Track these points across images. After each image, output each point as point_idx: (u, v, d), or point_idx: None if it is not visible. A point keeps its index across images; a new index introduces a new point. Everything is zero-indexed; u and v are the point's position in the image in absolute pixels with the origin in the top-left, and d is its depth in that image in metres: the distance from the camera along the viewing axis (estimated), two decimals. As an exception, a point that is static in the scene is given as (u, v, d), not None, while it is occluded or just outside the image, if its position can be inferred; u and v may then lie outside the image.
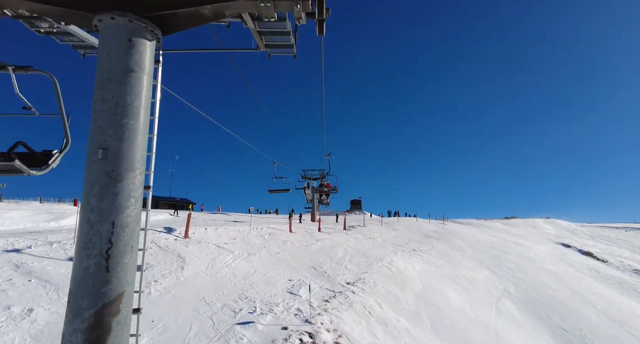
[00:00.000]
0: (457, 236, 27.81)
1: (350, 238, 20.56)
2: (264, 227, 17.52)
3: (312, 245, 16.06)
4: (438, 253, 21.03)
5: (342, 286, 11.21)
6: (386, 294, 11.79)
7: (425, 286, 13.98)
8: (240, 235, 14.87)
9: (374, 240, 21.38)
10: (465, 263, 20.57)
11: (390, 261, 15.84)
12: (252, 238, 14.97)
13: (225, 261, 11.21)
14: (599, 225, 74.73)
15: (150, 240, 11.17)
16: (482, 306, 14.66)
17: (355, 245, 18.35)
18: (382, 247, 19.35)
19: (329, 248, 16.35)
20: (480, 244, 27.01)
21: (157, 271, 9.13)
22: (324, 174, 32.39)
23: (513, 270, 21.60)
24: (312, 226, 22.81)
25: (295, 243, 15.72)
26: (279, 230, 17.95)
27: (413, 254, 19.14)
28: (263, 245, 14.28)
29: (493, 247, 27.00)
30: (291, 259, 13.18)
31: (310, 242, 16.72)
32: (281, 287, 10.06)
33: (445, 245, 23.77)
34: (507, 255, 25.13)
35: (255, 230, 16.42)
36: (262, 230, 16.92)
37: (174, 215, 24.65)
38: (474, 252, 23.78)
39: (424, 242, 23.41)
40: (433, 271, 17.07)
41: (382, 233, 24.24)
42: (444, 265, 18.75)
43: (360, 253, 16.47)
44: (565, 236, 54.30)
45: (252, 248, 13.37)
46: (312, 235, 18.62)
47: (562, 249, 42.19)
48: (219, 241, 13.26)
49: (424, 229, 29.42)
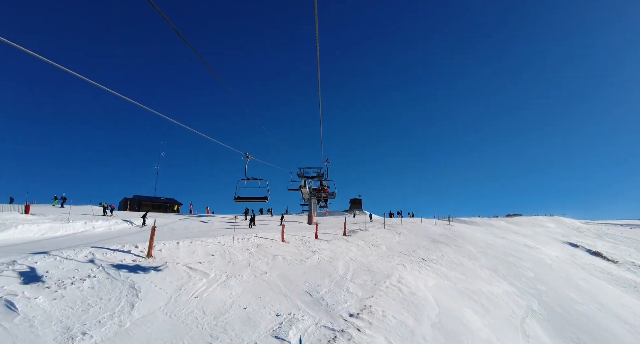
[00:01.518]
0: (467, 241, 25.54)
1: (351, 246, 18.22)
2: (251, 237, 15.11)
3: (308, 259, 13.68)
4: (450, 263, 18.75)
5: (344, 321, 8.85)
6: (398, 327, 9.46)
7: (443, 311, 11.67)
8: (220, 249, 12.45)
9: (378, 248, 19.05)
10: (480, 273, 18.30)
11: (400, 278, 13.51)
12: (235, 252, 12.55)
13: (195, 290, 8.81)
14: (602, 222, 73.06)
15: (97, 265, 8.72)
16: (508, 332, 12.40)
17: (357, 256, 16.00)
18: (388, 258, 17.02)
19: (328, 261, 13.98)
20: (493, 249, 24.77)
21: (94, 314, 6.71)
22: (322, 173, 30.03)
23: (532, 281, 19.38)
24: (308, 232, 20.44)
25: (288, 257, 13.32)
26: (268, 239, 15.55)
27: (423, 265, 16.83)
28: (248, 261, 11.88)
29: (506, 252, 24.78)
30: (281, 281, 10.78)
31: (306, 254, 14.34)
32: (265, 328, 7.68)
33: (456, 252, 21.50)
34: (522, 262, 22.91)
35: (241, 242, 14.01)
36: (249, 241, 14.51)
37: (141, 226, 20.18)
38: (487, 259, 21.53)
39: (432, 249, 21.12)
40: (448, 287, 14.77)
41: (386, 239, 21.91)
42: (459, 277, 16.47)
43: (364, 268, 14.12)
44: (572, 235, 52.42)
45: (233, 268, 10.97)
46: (307, 245, 16.24)
47: (570, 249, 40.24)
48: (192, 259, 10.84)
49: (430, 232, 27.14)
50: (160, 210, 30.82)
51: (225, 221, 28.22)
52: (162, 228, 20.48)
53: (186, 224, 22.87)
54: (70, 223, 16.36)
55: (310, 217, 29.17)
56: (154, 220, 15.15)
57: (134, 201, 30.79)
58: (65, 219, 17.16)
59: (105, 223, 17.99)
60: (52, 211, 20.91)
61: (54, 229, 15.24)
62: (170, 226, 20.78)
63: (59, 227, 15.51)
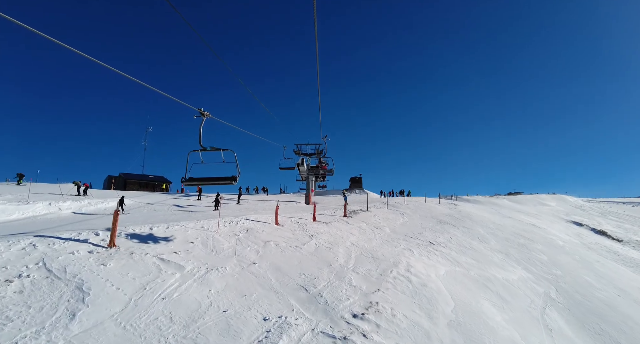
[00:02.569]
0: (475, 222, 24.07)
1: (352, 228, 16.62)
2: (240, 220, 13.41)
3: (304, 245, 12.04)
4: (459, 246, 17.27)
5: (346, 324, 7.27)
6: (411, 329, 7.92)
7: (459, 305, 10.16)
8: (202, 235, 10.74)
9: (381, 230, 17.48)
10: (492, 257, 16.86)
11: (408, 266, 11.96)
12: (221, 239, 10.85)
13: (163, 289, 7.14)
14: (605, 200, 72.23)
15: (36, 260, 6.97)
16: (529, 326, 11.02)
17: (359, 241, 14.41)
18: (393, 241, 15.47)
19: (327, 248, 12.36)
20: (502, 230, 23.33)
21: (10, 332, 4.99)
22: (320, 150, 28.07)
23: (546, 264, 18.01)
24: (305, 213, 18.81)
25: (281, 244, 11.67)
26: (260, 222, 13.87)
27: (431, 250, 15.31)
28: (234, 250, 10.20)
29: (516, 233, 23.38)
30: (272, 273, 9.15)
31: (302, 240, 12.70)
32: (248, 338, 6.07)
33: (465, 234, 20.01)
34: (533, 244, 21.53)
35: (228, 226, 12.31)
36: (238, 224, 12.81)
37: (121, 211, 15.53)
38: (497, 241, 20.10)
39: (439, 231, 19.61)
40: (460, 274, 13.29)
41: (389, 220, 20.35)
42: (470, 263, 15.00)
43: (368, 254, 12.54)
44: (575, 214, 51.48)
45: (215, 258, 9.29)
46: (304, 228, 14.59)
47: (575, 228, 39.27)
48: (167, 248, 9.13)
49: (435, 212, 25.61)
50: (147, 189, 29.10)
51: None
52: (142, 209, 18.81)
53: (171, 205, 21.20)
54: (30, 205, 14.47)
55: (308, 197, 27.53)
56: (117, 207, 13.31)
57: (119, 180, 28.89)
58: (25, 200, 15.28)
59: (75, 205, 16.15)
60: (12, 190, 18.95)
61: (7, 212, 13.38)
62: (153, 207, 19.09)
63: (13, 209, 13.63)
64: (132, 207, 20.04)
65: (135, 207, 19.69)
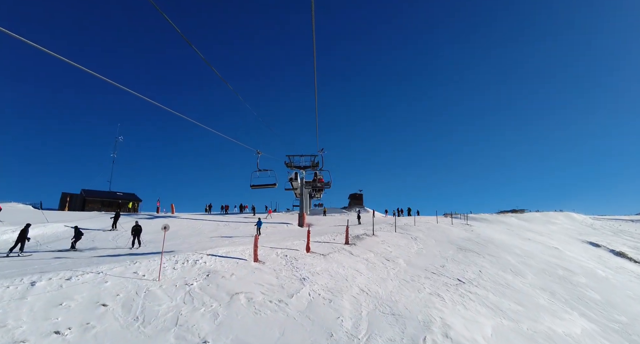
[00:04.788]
0: (498, 247, 20.29)
1: (358, 262, 12.75)
2: (202, 256, 9.50)
3: (292, 298, 8.13)
4: (494, 284, 13.43)
5: None
6: None
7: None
8: (131, 288, 6.81)
9: (394, 263, 13.62)
10: (538, 299, 13.02)
11: (444, 326, 8.10)
12: (160, 294, 6.93)
13: None
14: (613, 218, 69.09)
15: None
16: None
17: (370, 283, 10.53)
18: (413, 281, 11.60)
19: (325, 300, 8.45)
20: (532, 258, 19.57)
21: None
22: (316, 162, 24.47)
23: (602, 306, 14.19)
24: (296, 241, 14.92)
25: (257, 298, 7.75)
26: (233, 259, 9.97)
27: (464, 293, 11.46)
28: (176, 316, 6.29)
29: (548, 262, 19.62)
30: (232, 366, 5.25)
31: (290, 287, 8.79)
32: None
33: (494, 265, 16.19)
34: (574, 276, 17.74)
35: (180, 267, 8.38)
36: (197, 264, 8.89)
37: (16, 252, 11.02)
38: (534, 274, 16.28)
39: (463, 261, 15.79)
40: (511, 330, 9.42)
41: (401, 248, 16.49)
42: (517, 311, 11.13)
43: (385, 308, 8.65)
44: (587, 233, 47.97)
45: (138, 339, 5.38)
46: (294, 265, 10.69)
47: (593, 249, 35.63)
48: (46, 324, 5.21)
49: (451, 236, 21.79)
50: (111, 209, 24.91)
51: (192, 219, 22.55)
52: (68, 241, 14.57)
53: (118, 231, 17.07)
54: None
55: (302, 217, 23.62)
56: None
57: (77, 198, 24.70)
58: None
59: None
60: None
61: None
62: (96, 235, 15.04)
63: None
64: (60, 236, 15.71)
65: (64, 237, 15.30)
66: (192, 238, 15.12)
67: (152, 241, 14.16)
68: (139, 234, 13.50)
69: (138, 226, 13.68)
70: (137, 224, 13.84)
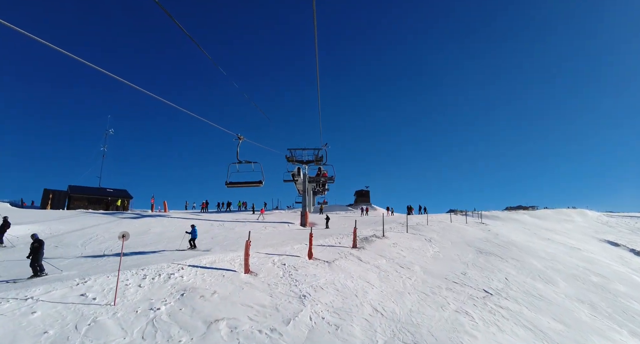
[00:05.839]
0: (521, 250, 18.38)
1: (368, 270, 10.96)
2: (178, 269, 7.75)
3: (289, 324, 6.37)
4: (525, 295, 11.59)
5: None
6: None
7: None
8: (67, 321, 5.08)
9: (410, 270, 11.81)
10: (578, 314, 11.15)
11: (485, 364, 6.29)
12: (112, 325, 5.21)
13: None
14: (627, 215, 66.53)
15: None
16: None
17: (383, 298, 8.75)
18: (433, 294, 9.79)
19: (331, 326, 6.68)
20: (560, 262, 17.64)
21: None
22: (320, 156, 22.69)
23: (650, 320, 12.30)
24: (297, 244, 13.16)
25: (244, 325, 6.01)
26: (220, 270, 8.22)
27: (494, 309, 9.64)
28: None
29: (579, 266, 17.68)
30: None
31: (286, 309, 7.04)
32: None
33: (520, 271, 14.33)
34: (610, 283, 15.81)
35: (147, 285, 6.65)
36: (170, 279, 7.15)
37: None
38: (567, 282, 14.39)
39: (486, 267, 13.96)
40: (561, 362, 7.62)
41: (415, 252, 14.68)
42: (559, 331, 9.30)
43: (406, 337, 6.86)
44: (604, 231, 45.67)
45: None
46: (292, 277, 8.93)
47: (613, 249, 33.46)
48: None
49: (468, 237, 19.90)
50: (99, 206, 23.34)
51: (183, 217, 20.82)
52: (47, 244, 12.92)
53: (97, 233, 15.41)
54: None
55: (305, 216, 21.89)
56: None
57: (61, 195, 23.05)
58: None
59: None
60: None
61: None
62: (60, 238, 13.40)
63: None
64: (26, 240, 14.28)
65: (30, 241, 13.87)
66: (178, 241, 13.45)
67: (129, 246, 12.48)
68: (3, 231, 11.31)
69: (6, 222, 11.53)
70: (5, 219, 11.59)
